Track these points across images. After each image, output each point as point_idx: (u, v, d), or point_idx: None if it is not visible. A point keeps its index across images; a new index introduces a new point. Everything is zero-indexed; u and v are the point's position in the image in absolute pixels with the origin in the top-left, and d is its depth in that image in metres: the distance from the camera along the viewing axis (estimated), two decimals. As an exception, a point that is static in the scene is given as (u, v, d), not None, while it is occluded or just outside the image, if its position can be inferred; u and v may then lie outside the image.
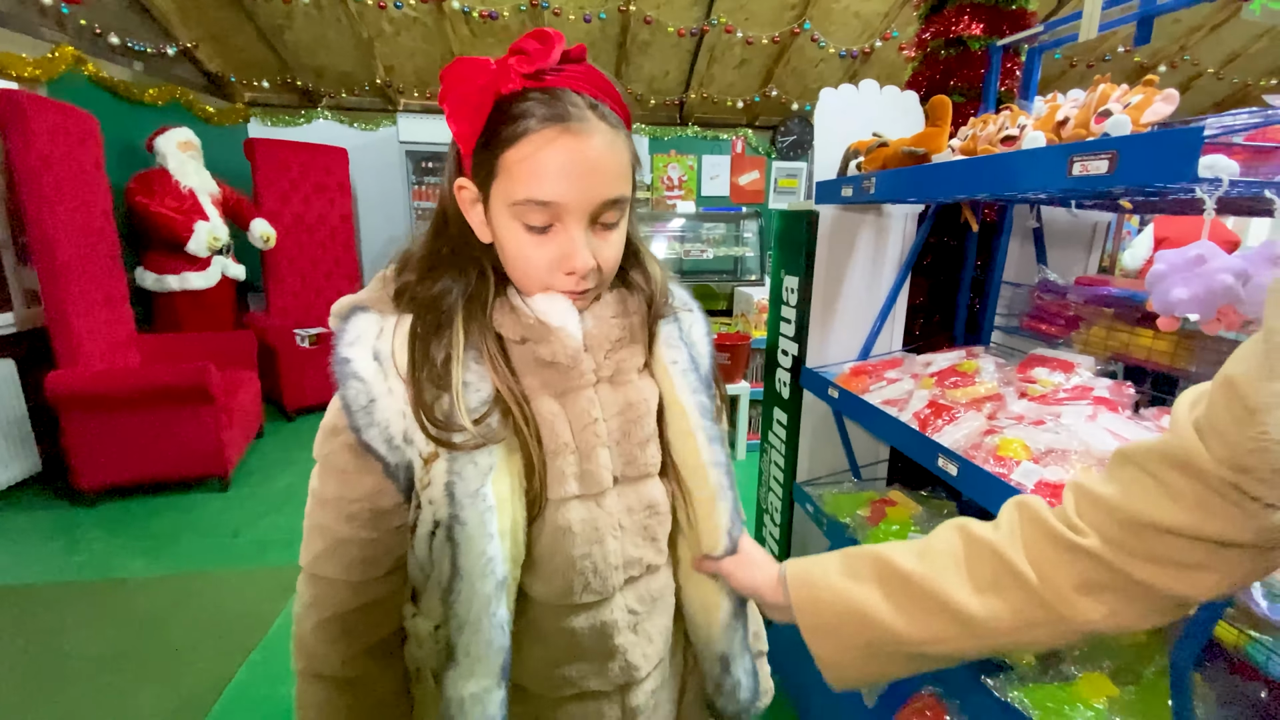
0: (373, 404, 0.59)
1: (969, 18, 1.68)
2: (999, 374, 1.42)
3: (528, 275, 0.62)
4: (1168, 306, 0.80)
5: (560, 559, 0.62)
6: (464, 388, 0.58)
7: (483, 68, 0.56)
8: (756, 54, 5.14)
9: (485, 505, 0.56)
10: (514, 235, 0.59)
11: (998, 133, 1.31)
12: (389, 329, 0.61)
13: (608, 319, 0.66)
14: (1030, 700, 1.11)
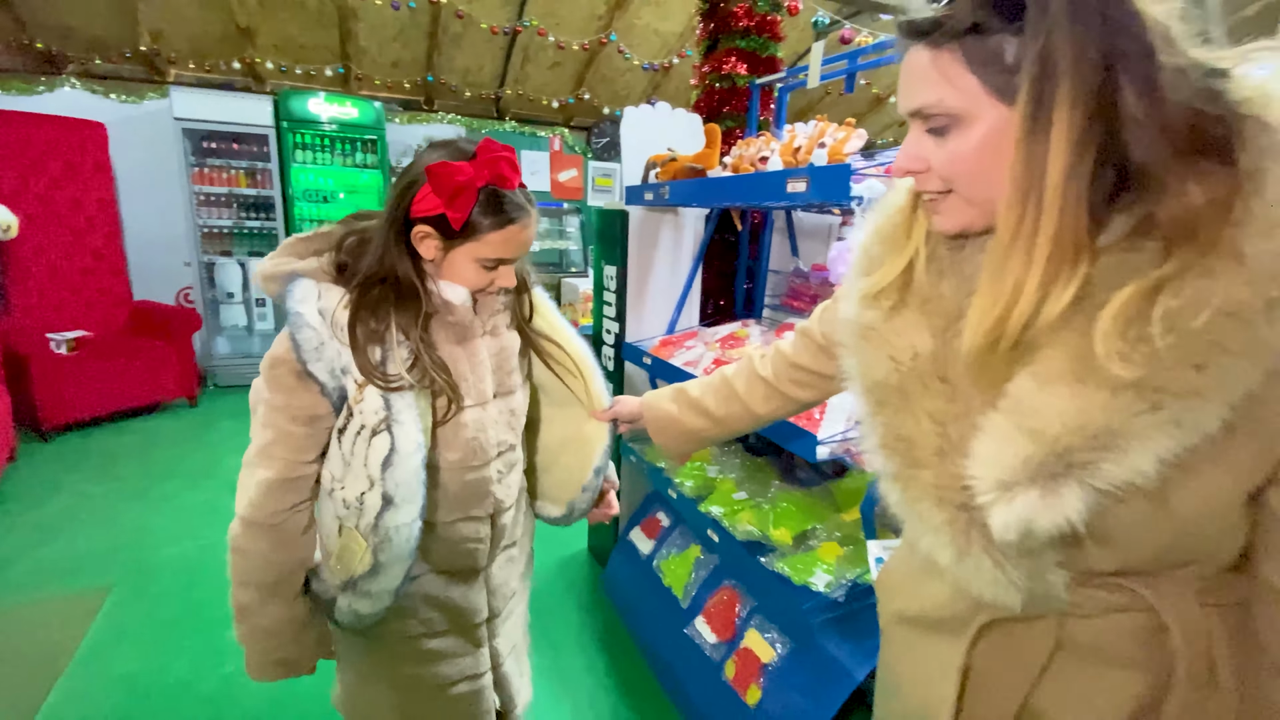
0: (322, 346, 0.84)
1: (735, 59, 2.12)
2: (762, 337, 1.87)
3: (468, 284, 0.91)
4: (838, 279, 1.24)
5: (461, 440, 0.95)
6: (395, 348, 0.87)
7: (466, 172, 0.83)
8: (568, 58, 5.44)
9: (413, 414, 0.87)
10: (472, 270, 0.90)
11: (756, 154, 1.75)
12: (326, 293, 0.86)
13: (488, 294, 0.97)
14: (789, 567, 1.55)
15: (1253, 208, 0.45)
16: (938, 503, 0.59)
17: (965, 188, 0.55)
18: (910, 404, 0.61)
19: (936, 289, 0.62)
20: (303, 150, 4.82)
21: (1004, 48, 0.49)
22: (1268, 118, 0.46)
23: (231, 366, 4.91)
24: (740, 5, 2.06)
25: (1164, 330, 0.46)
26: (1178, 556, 0.56)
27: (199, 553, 2.55)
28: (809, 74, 1.85)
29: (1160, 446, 0.47)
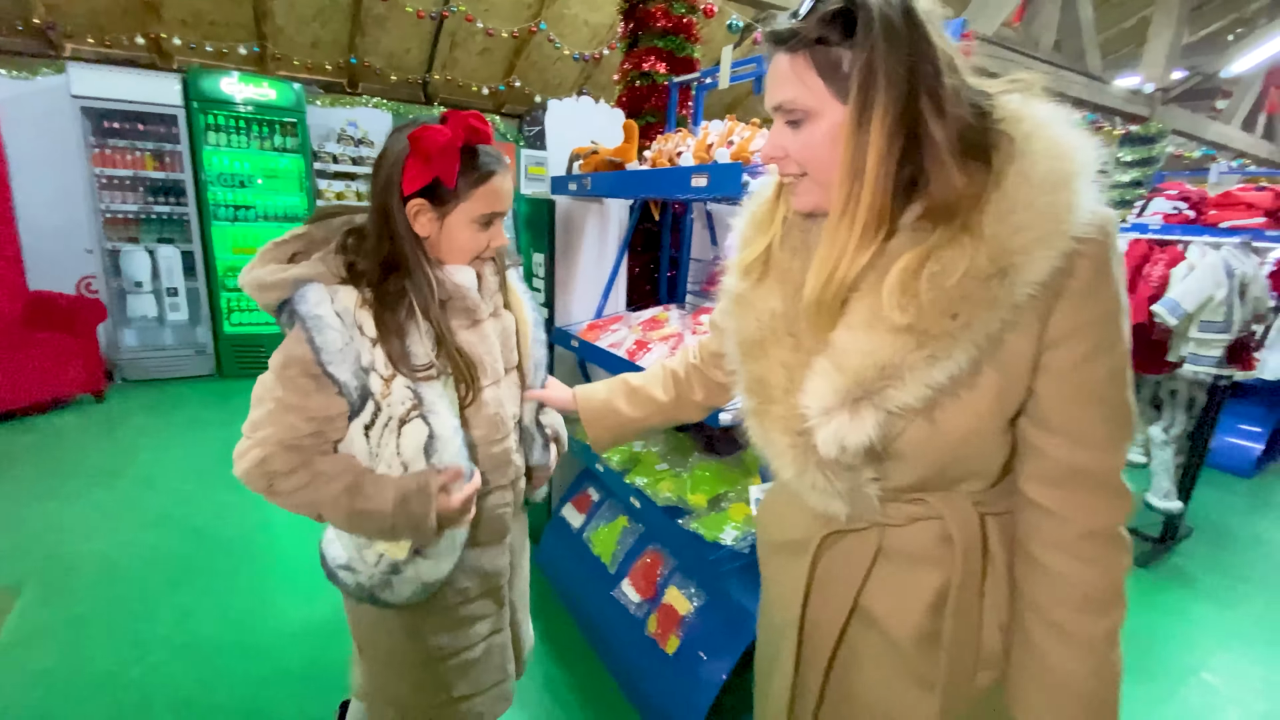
0: (347, 346, 0.86)
1: (654, 58, 2.25)
2: (681, 321, 2.02)
3: (463, 252, 0.96)
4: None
5: (484, 417, 1.01)
6: (418, 340, 0.91)
7: (445, 134, 0.86)
8: (498, 45, 5.42)
9: (445, 401, 0.93)
10: (468, 233, 0.94)
11: (673, 150, 1.89)
12: (338, 295, 0.88)
13: (488, 277, 1.04)
14: (702, 527, 1.71)
15: (993, 199, 0.60)
16: (783, 431, 0.73)
17: (815, 171, 0.68)
18: (767, 354, 0.75)
19: (790, 263, 0.76)
20: (216, 132, 4.61)
21: (841, 58, 0.62)
22: (1013, 133, 0.62)
23: (141, 360, 4.66)
24: (658, 6, 2.18)
25: (928, 287, 0.61)
26: (955, 473, 0.71)
27: (117, 549, 2.48)
28: (720, 75, 1.99)
29: (926, 376, 0.62)
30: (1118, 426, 0.65)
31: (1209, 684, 2.06)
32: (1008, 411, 0.67)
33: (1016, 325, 0.62)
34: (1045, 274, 0.59)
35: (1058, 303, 0.62)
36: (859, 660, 0.82)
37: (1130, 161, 5.05)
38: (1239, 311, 2.37)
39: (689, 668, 1.66)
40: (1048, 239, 0.59)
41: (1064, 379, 0.64)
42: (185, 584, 2.28)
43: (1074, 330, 0.62)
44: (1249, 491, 3.74)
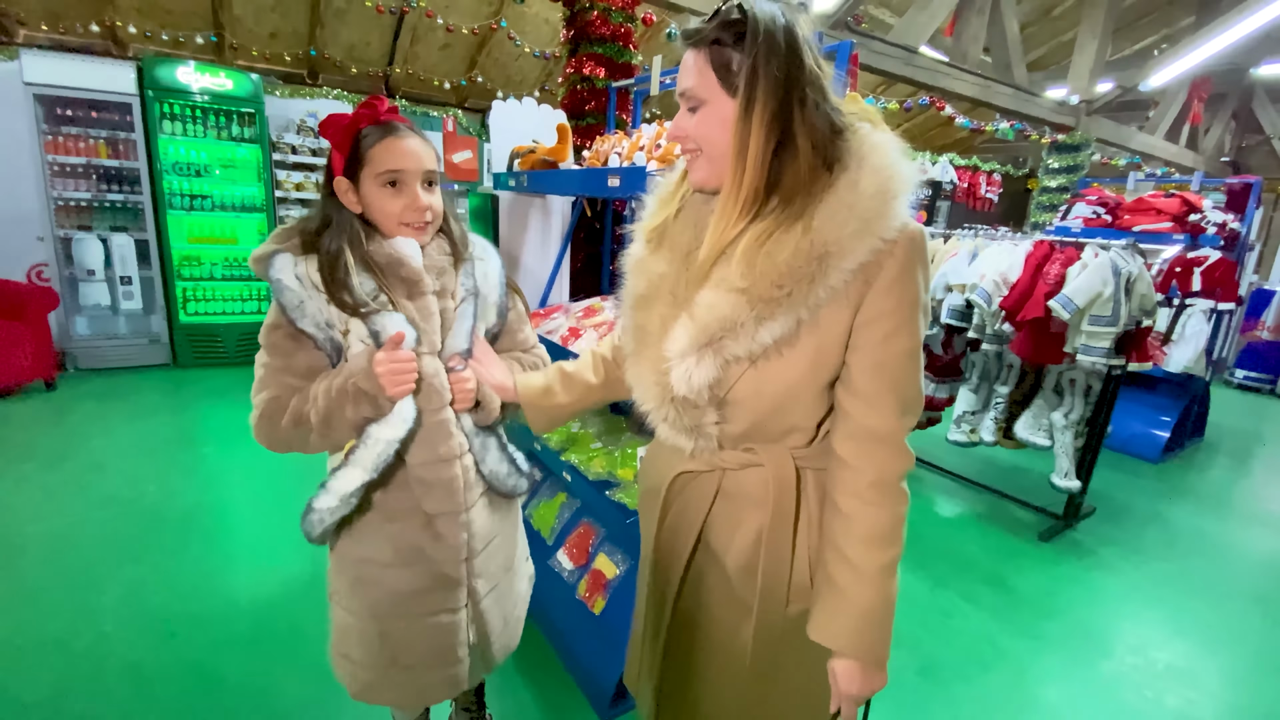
0: (303, 304, 0.98)
1: (593, 63, 2.39)
2: (615, 309, 2.17)
3: (388, 218, 1.03)
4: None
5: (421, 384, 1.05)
6: (360, 283, 1.01)
7: (347, 117, 1.01)
8: (459, 41, 5.49)
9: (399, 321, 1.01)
10: (383, 196, 1.01)
11: (610, 150, 2.04)
12: (300, 262, 1.00)
13: (435, 255, 1.09)
14: (628, 497, 1.87)
15: (826, 198, 0.75)
16: (651, 370, 0.87)
17: (707, 148, 0.80)
18: (651, 307, 0.88)
19: (681, 234, 0.89)
20: (171, 121, 4.60)
21: (731, 58, 0.75)
22: (855, 150, 0.77)
23: (93, 348, 4.64)
24: (597, 15, 2.33)
25: (763, 260, 0.76)
26: (778, 425, 0.86)
27: (67, 528, 2.53)
28: (650, 82, 2.15)
29: (755, 333, 0.77)
30: (905, 398, 0.80)
31: (1094, 639, 2.30)
32: (822, 375, 0.81)
33: (832, 303, 0.77)
34: (855, 264, 0.74)
35: (868, 291, 0.76)
36: (702, 585, 0.99)
37: (1057, 168, 5.39)
38: (1124, 307, 2.62)
39: (612, 624, 1.82)
40: (861, 236, 0.74)
41: (867, 353, 0.79)
42: (134, 559, 2.35)
43: (879, 314, 0.77)
44: (1155, 475, 4.06)
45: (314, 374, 1.03)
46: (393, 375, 1.00)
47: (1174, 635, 2.38)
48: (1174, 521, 3.38)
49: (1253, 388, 6.88)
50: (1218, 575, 2.86)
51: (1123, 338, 2.73)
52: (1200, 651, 2.30)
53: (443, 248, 1.13)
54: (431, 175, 1.07)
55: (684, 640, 1.03)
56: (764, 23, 0.73)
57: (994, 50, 4.56)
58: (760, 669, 0.95)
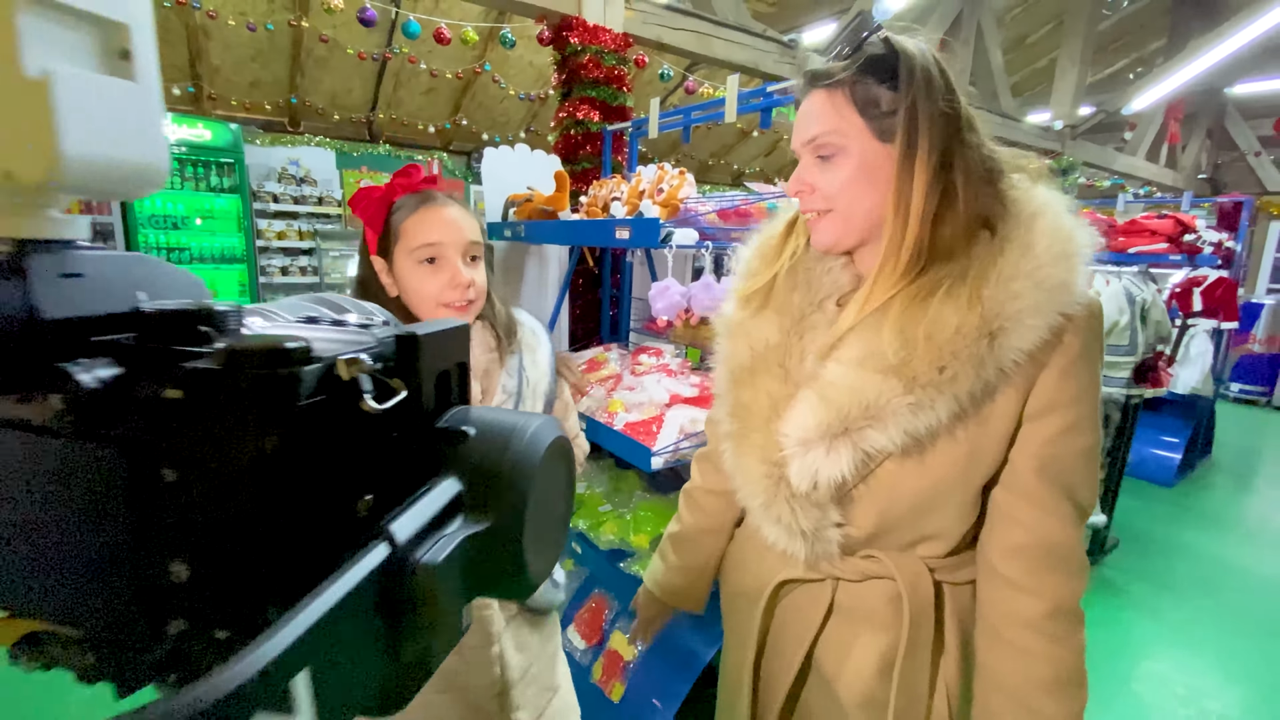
0: None
1: (588, 106, 2.31)
2: (620, 361, 2.04)
3: (425, 300, 0.89)
4: (656, 313, 1.43)
5: None
6: None
7: (379, 190, 0.90)
8: (443, 85, 5.46)
9: None
10: (419, 275, 0.89)
11: (608, 195, 1.93)
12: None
13: (478, 352, 0.95)
14: (644, 569, 1.71)
15: (995, 265, 0.64)
16: (759, 459, 0.74)
17: (844, 205, 0.69)
18: (755, 381, 0.76)
19: (789, 296, 0.77)
20: (148, 173, 4.48)
21: (880, 97, 0.65)
22: (1019, 207, 0.66)
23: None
24: (590, 58, 2.26)
25: (924, 336, 0.63)
26: (914, 529, 0.72)
27: None
28: (650, 125, 2.06)
29: (907, 422, 0.64)
30: (1083, 505, 0.68)
31: (1136, 694, 2.15)
32: (978, 473, 0.69)
33: (999, 390, 0.65)
34: (1032, 343, 0.63)
35: (1040, 376, 0.65)
36: (811, 717, 0.83)
37: (1047, 192, 5.41)
38: (1141, 335, 2.54)
39: (635, 714, 1.65)
40: (1039, 310, 0.62)
41: (1040, 450, 0.66)
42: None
43: (1055, 404, 0.65)
44: (1171, 500, 3.96)
45: None
46: None
47: (1225, 682, 2.24)
48: (1200, 550, 3.27)
49: (1249, 400, 6.88)
50: (1258, 609, 2.73)
51: (1142, 365, 2.65)
52: (1252, 695, 2.16)
53: (486, 341, 0.98)
54: (475, 249, 0.93)
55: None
56: (919, 56, 0.64)
57: (980, 80, 4.61)
58: None
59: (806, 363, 0.73)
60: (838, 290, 0.76)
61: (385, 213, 0.91)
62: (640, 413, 1.62)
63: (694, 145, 7.52)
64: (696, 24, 2.63)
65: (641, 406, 1.63)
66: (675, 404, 1.64)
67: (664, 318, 1.50)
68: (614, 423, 1.61)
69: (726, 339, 0.82)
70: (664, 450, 1.46)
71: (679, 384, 1.77)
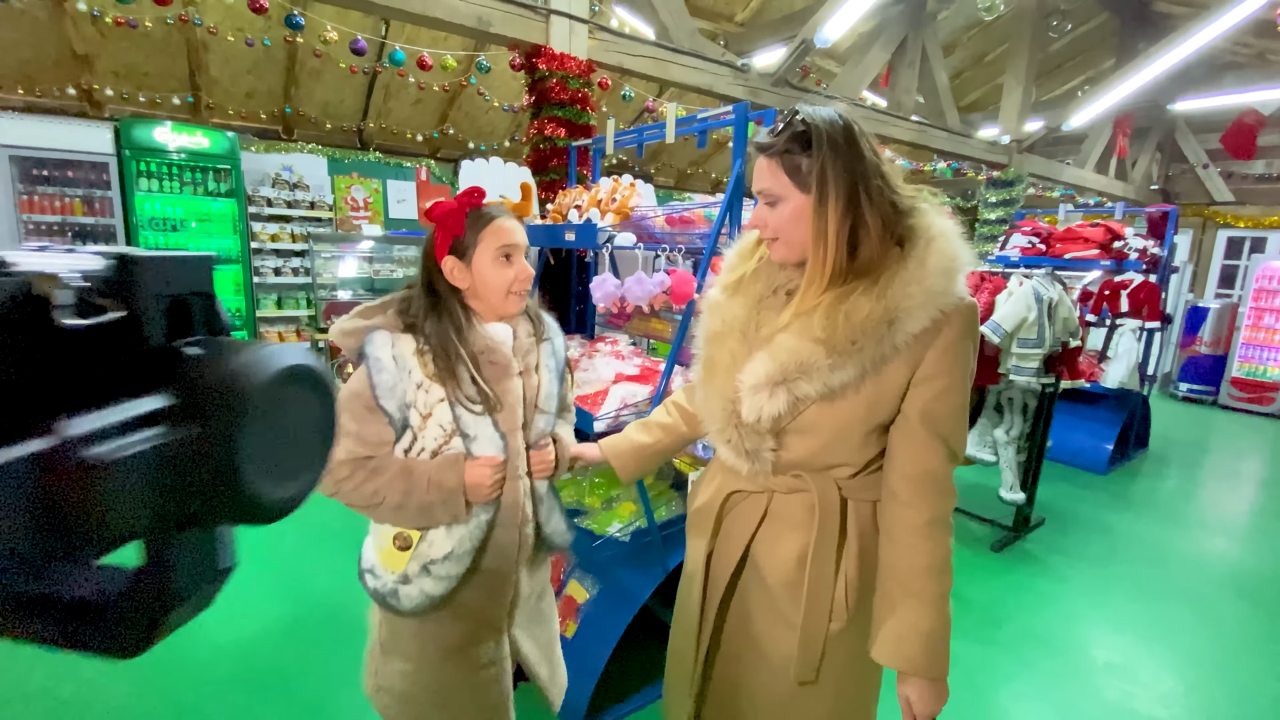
0: (395, 386, 1.07)
1: (554, 124, 2.61)
2: (580, 349, 2.34)
3: (497, 290, 1.11)
4: (595, 301, 1.74)
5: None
6: (464, 381, 1.09)
7: (453, 204, 1.10)
8: (431, 96, 5.74)
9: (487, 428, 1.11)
10: (495, 268, 1.10)
11: (571, 203, 2.23)
12: (398, 341, 1.09)
13: (523, 339, 1.18)
14: (594, 523, 2.00)
15: (899, 273, 0.88)
16: (719, 397, 1.00)
17: (785, 236, 0.94)
18: (723, 343, 1.02)
19: (754, 285, 1.03)
20: (148, 179, 4.73)
21: (801, 163, 0.89)
22: (921, 232, 0.91)
23: (66, 403, 4.63)
24: (556, 82, 2.56)
25: (843, 320, 0.88)
26: (828, 457, 0.98)
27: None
28: (607, 143, 2.36)
29: (827, 377, 0.89)
30: (955, 445, 0.94)
31: (1040, 641, 2.46)
32: (874, 417, 0.94)
33: (894, 360, 0.90)
34: (919, 328, 0.88)
35: (927, 353, 0.90)
36: (746, 600, 1.09)
37: (995, 202, 5.80)
38: (1049, 330, 2.87)
39: (583, 646, 1.93)
40: (926, 306, 0.87)
41: (924, 404, 0.91)
42: None
43: (936, 373, 0.90)
44: (1102, 487, 4.29)
45: (379, 446, 1.09)
46: (480, 488, 1.10)
47: (1113, 634, 2.56)
48: (1118, 529, 3.60)
49: (1195, 399, 7.27)
50: (1156, 578, 3.06)
51: (1052, 357, 2.97)
52: (1137, 648, 2.47)
53: (528, 329, 1.21)
54: (526, 251, 1.18)
55: (727, 653, 1.14)
56: (824, 129, 0.88)
57: (928, 98, 4.96)
58: (802, 682, 1.04)
59: (762, 332, 0.98)
60: (788, 283, 1.01)
61: (463, 220, 1.10)
62: (590, 387, 1.91)
63: (673, 155, 7.85)
64: (655, 50, 2.94)
65: (591, 383, 1.93)
66: (620, 381, 1.93)
67: (602, 304, 1.80)
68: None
69: (707, 314, 1.08)
70: (605, 416, 1.75)
71: (625, 365, 2.06)
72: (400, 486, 1.08)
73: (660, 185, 7.80)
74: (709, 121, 1.99)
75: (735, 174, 1.76)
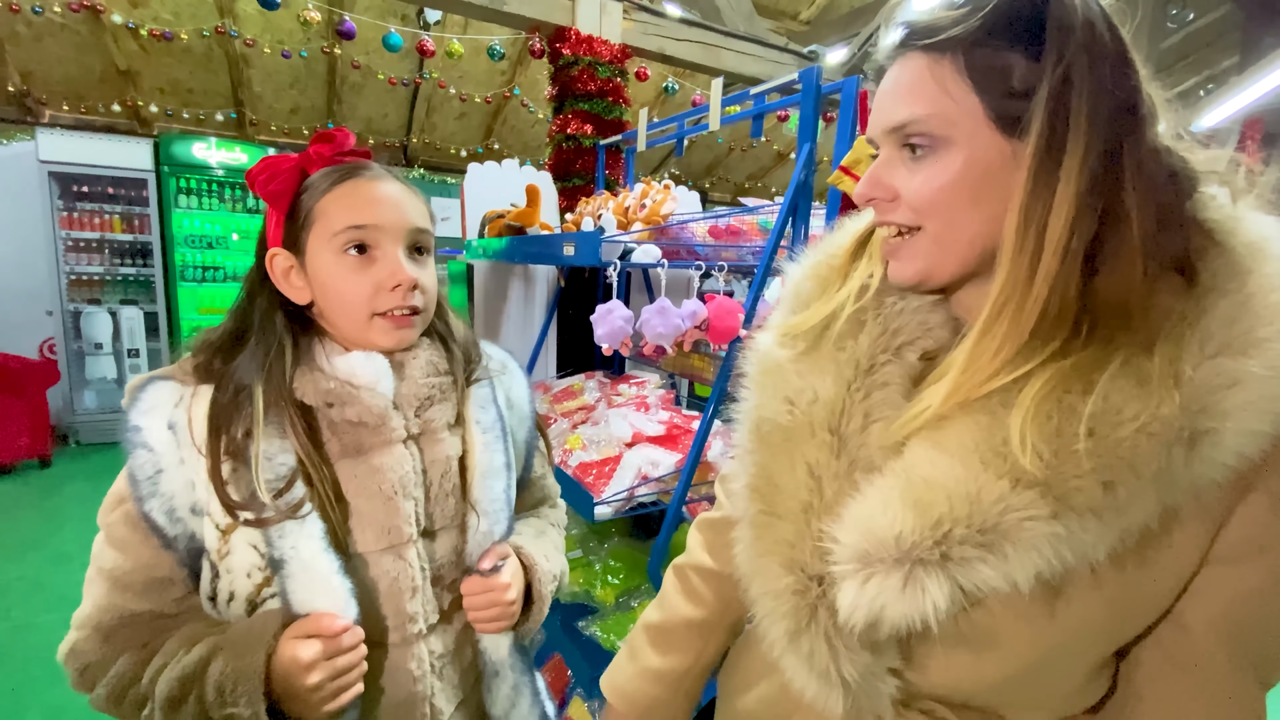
0: (159, 474, 0.61)
1: (580, 120, 2.19)
2: (599, 390, 1.87)
3: (354, 305, 0.66)
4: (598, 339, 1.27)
5: (366, 607, 0.65)
6: (264, 462, 0.60)
7: (288, 159, 0.67)
8: (474, 109, 5.52)
9: (324, 556, 0.62)
10: (338, 268, 0.65)
11: (594, 211, 1.79)
12: (187, 398, 0.63)
13: (418, 380, 0.70)
14: (601, 631, 1.51)
15: (1205, 332, 0.41)
16: (787, 564, 0.52)
17: (940, 224, 0.48)
18: (792, 449, 0.54)
19: (854, 338, 0.55)
20: (186, 195, 4.64)
21: (1012, 67, 0.43)
22: (1223, 239, 0.44)
23: (97, 422, 4.54)
24: (582, 69, 2.14)
25: (1087, 432, 0.41)
26: (1019, 695, 0.51)
27: (8, 634, 2.28)
28: (638, 139, 1.92)
29: (1043, 560, 0.42)
30: (1268, 679, 0.47)
31: None
32: (1121, 633, 0.48)
33: (1184, 520, 0.43)
34: (1251, 454, 0.40)
35: (1245, 500, 0.43)
36: None
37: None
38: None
39: (584, 799, 1.44)
40: (1268, 403, 0.40)
41: (1230, 612, 0.45)
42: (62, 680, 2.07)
43: (1258, 546, 0.43)
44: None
45: (152, 592, 0.64)
46: (305, 692, 0.59)
47: None
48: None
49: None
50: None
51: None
52: None
53: (434, 363, 0.73)
54: (422, 238, 0.71)
55: None
56: (1080, 6, 0.41)
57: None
58: None
59: (872, 434, 0.52)
60: (926, 335, 0.54)
61: (295, 188, 0.67)
62: (597, 451, 1.43)
63: (730, 168, 7.38)
64: (704, 34, 2.49)
65: (599, 445, 1.45)
66: (637, 443, 1.45)
67: (607, 345, 1.33)
68: (569, 461, 1.43)
69: (756, 385, 0.59)
70: (612, 499, 1.26)
71: (646, 420, 1.58)
72: (173, 680, 0.59)
73: (716, 201, 7.33)
74: (766, 101, 1.52)
75: (801, 163, 1.28)
